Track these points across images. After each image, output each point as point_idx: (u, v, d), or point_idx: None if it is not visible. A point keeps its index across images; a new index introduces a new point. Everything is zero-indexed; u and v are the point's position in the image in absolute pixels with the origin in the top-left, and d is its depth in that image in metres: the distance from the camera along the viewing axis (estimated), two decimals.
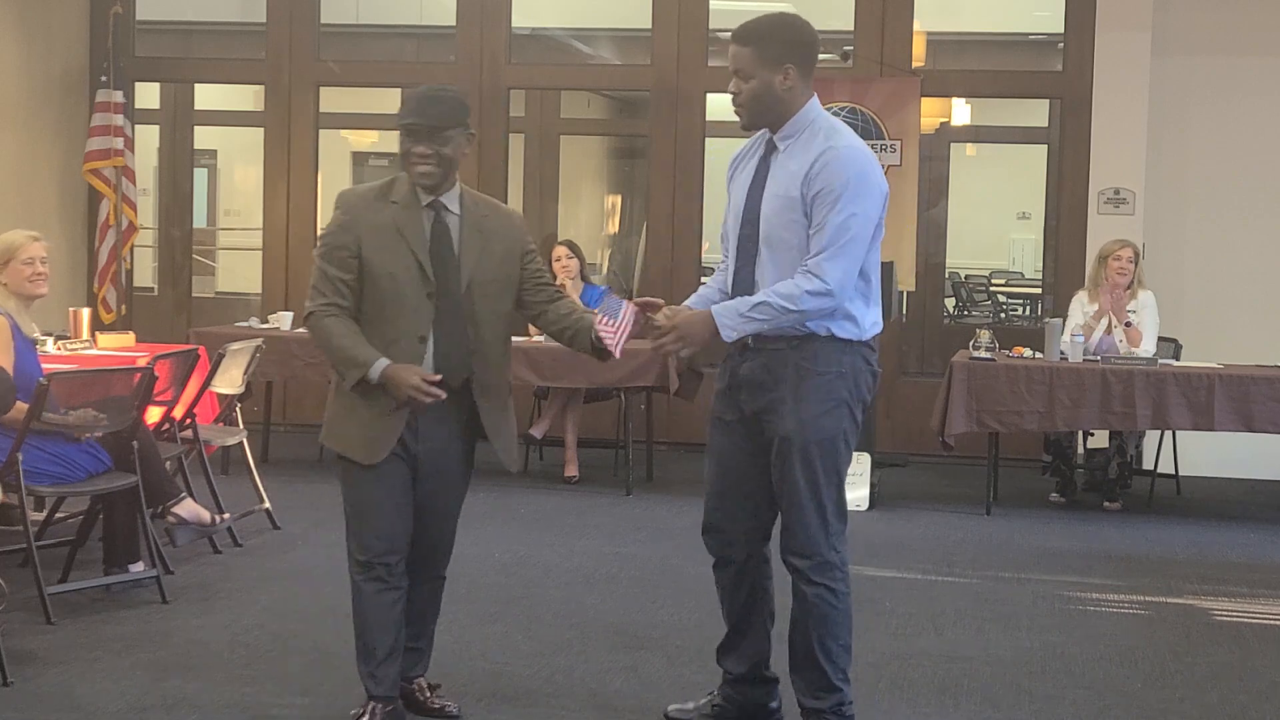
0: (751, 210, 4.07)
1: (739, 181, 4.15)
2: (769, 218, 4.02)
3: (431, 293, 4.03)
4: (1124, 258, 8.08)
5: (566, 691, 4.68)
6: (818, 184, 3.94)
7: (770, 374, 4.04)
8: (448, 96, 4.09)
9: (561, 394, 8.40)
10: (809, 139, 4.00)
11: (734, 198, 4.15)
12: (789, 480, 4.03)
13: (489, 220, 4.14)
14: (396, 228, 4.02)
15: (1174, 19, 9.20)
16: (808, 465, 4.01)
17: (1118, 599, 6.13)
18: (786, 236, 3.99)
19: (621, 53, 12.78)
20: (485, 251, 4.10)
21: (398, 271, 4.01)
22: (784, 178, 4.00)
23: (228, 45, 12.68)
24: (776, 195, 4.00)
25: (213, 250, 15.47)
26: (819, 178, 3.94)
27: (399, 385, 3.96)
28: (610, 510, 7.63)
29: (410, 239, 4.02)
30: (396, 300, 4.02)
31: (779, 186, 4.01)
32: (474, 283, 4.08)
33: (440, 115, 4.02)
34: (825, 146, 3.97)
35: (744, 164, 4.17)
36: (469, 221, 4.10)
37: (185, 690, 4.58)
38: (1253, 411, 7.52)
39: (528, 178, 13.63)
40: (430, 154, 4.00)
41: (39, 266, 5.75)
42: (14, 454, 5.15)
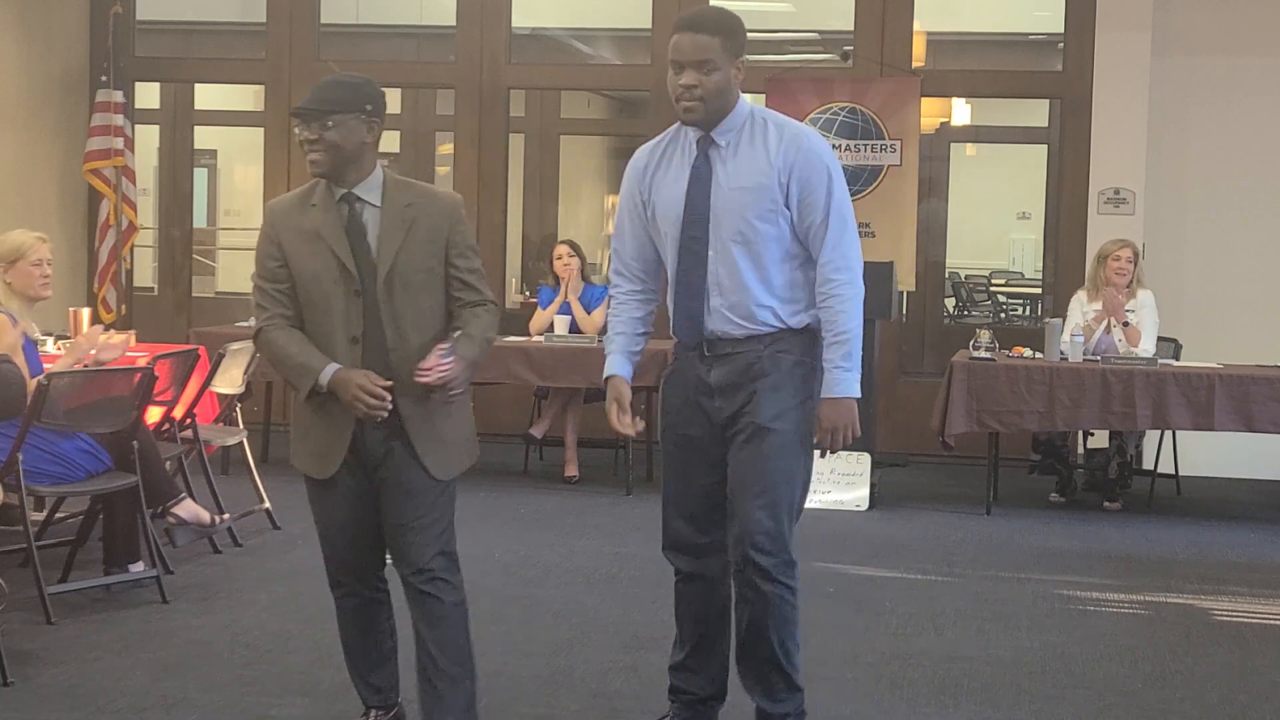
0: (697, 211, 3.88)
1: (665, 186, 3.95)
2: (734, 212, 3.85)
3: (358, 290, 3.79)
4: (1123, 258, 8.08)
5: (566, 691, 4.68)
6: (801, 171, 3.84)
7: (747, 373, 3.91)
8: (342, 82, 3.83)
9: (561, 394, 8.40)
10: (758, 130, 3.88)
11: (662, 203, 3.94)
12: (762, 471, 3.86)
13: (413, 208, 3.84)
14: (315, 229, 3.81)
15: (1174, 19, 9.20)
16: (783, 456, 3.86)
17: (1118, 599, 6.13)
18: (764, 228, 3.86)
19: (621, 53, 12.78)
20: (407, 242, 3.81)
21: (320, 272, 3.79)
22: (747, 170, 3.85)
23: (228, 45, 12.68)
24: (742, 189, 3.84)
25: (213, 250, 15.47)
26: (800, 165, 3.84)
27: (345, 389, 3.75)
28: (610, 510, 7.63)
29: (328, 237, 3.79)
30: (324, 303, 3.80)
31: (742, 179, 3.85)
32: (394, 276, 3.80)
33: (324, 99, 3.77)
34: (793, 133, 3.88)
35: (661, 168, 3.97)
36: (389, 211, 3.83)
37: (185, 690, 4.58)
38: (1253, 411, 7.52)
39: (528, 178, 13.64)
40: (315, 139, 3.76)
41: (46, 269, 5.76)
42: (14, 454, 5.15)
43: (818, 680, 4.74)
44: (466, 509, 4.42)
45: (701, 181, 3.88)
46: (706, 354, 3.94)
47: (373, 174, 3.84)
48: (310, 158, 3.79)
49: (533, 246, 13.13)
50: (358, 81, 3.84)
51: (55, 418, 5.27)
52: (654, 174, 3.98)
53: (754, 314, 3.89)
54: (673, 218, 3.92)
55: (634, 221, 4.04)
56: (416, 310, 3.83)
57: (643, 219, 4.03)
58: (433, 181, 13.64)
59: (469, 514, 7.63)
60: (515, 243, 12.32)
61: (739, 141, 3.88)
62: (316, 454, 3.89)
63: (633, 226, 4.05)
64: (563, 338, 8.29)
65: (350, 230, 3.81)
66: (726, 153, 3.88)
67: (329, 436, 3.86)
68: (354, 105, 3.78)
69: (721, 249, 3.88)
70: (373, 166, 3.85)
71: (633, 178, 4.03)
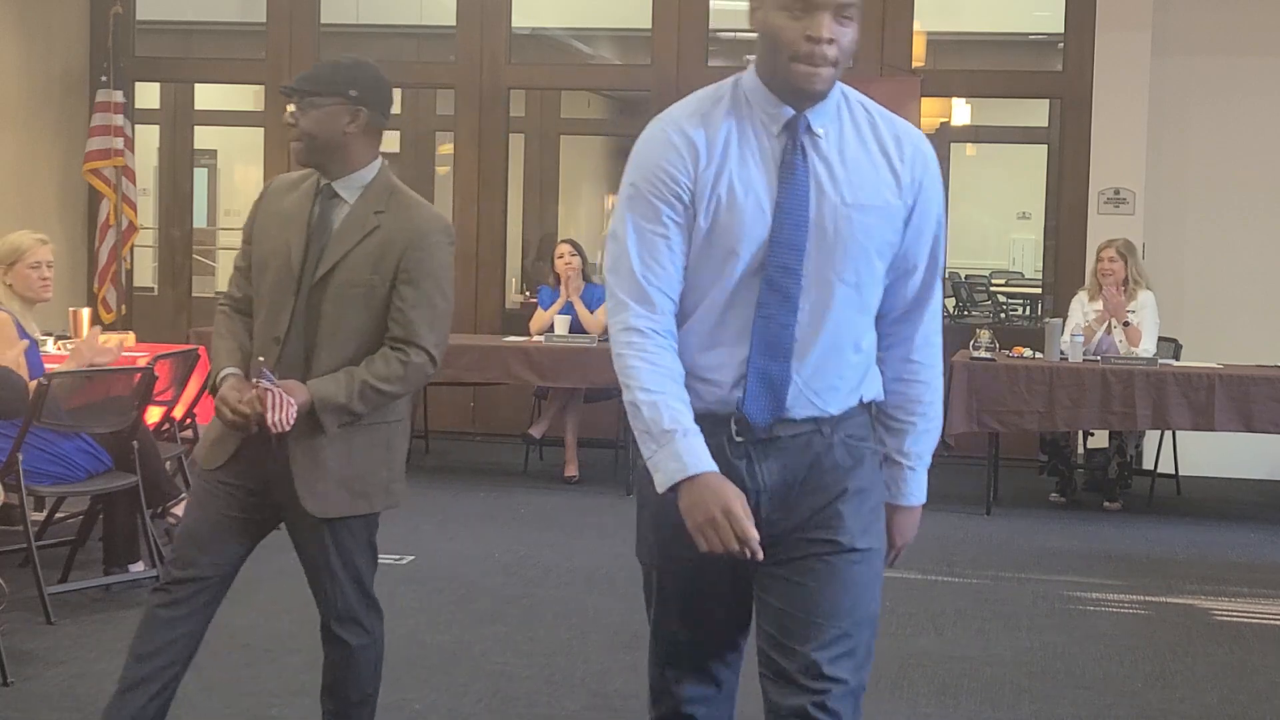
0: (794, 229, 2.57)
1: (738, 181, 2.58)
2: (851, 240, 2.59)
3: (296, 289, 3.41)
4: (1105, 257, 8.07)
5: (566, 691, 4.68)
6: (926, 195, 2.67)
7: (815, 469, 2.65)
8: (332, 62, 3.50)
9: (561, 394, 8.40)
10: (860, 120, 2.68)
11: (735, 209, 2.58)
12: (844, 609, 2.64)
13: (381, 216, 3.41)
14: (287, 214, 3.46)
15: (1174, 19, 9.20)
16: (873, 587, 2.70)
17: (1118, 599, 6.13)
18: (879, 268, 2.65)
19: (621, 53, 12.79)
20: (356, 250, 3.38)
21: (269, 260, 3.44)
22: (867, 180, 2.61)
23: (228, 45, 12.69)
24: (864, 207, 2.59)
25: (213, 250, 15.47)
26: (927, 185, 2.67)
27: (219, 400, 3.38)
28: (610, 510, 7.63)
29: (290, 226, 3.43)
30: (265, 293, 3.45)
31: (863, 192, 2.60)
32: (329, 283, 3.38)
33: (305, 78, 3.43)
34: (914, 136, 2.70)
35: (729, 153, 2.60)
36: (355, 213, 3.41)
37: (184, 690, 4.56)
38: (1253, 411, 7.52)
39: (528, 178, 13.64)
40: (293, 123, 3.42)
41: (46, 271, 5.74)
42: (14, 454, 5.15)
43: None
44: (467, 509, 4.43)
45: (798, 186, 2.58)
46: (740, 439, 2.62)
47: (361, 170, 3.45)
48: (291, 143, 3.47)
49: (532, 247, 13.13)
50: (348, 62, 3.49)
51: (55, 418, 5.27)
52: (719, 160, 2.59)
53: (834, 386, 2.65)
54: (751, 234, 2.57)
55: (675, 231, 2.60)
56: (337, 325, 3.39)
57: (686, 226, 2.60)
58: (432, 181, 13.73)
59: (469, 514, 7.66)
60: (515, 243, 12.32)
61: (841, 133, 2.63)
62: (210, 440, 3.52)
63: (672, 240, 2.60)
64: (563, 338, 8.29)
65: (312, 225, 3.42)
66: (828, 147, 2.61)
67: (224, 432, 3.46)
68: (335, 88, 3.40)
69: (820, 291, 2.59)
70: (363, 162, 3.45)
71: (674, 162, 2.59)
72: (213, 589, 3.54)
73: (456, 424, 9.73)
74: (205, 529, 3.49)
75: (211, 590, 3.53)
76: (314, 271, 3.39)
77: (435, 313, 3.41)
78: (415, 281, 3.38)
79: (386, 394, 3.39)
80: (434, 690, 4.64)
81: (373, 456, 3.49)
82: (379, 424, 3.47)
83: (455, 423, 9.72)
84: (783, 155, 2.59)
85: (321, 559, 3.52)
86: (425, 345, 3.39)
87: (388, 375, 3.37)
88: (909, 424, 2.79)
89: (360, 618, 3.57)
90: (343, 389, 3.34)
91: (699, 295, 2.62)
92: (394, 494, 3.59)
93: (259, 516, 3.53)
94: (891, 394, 2.78)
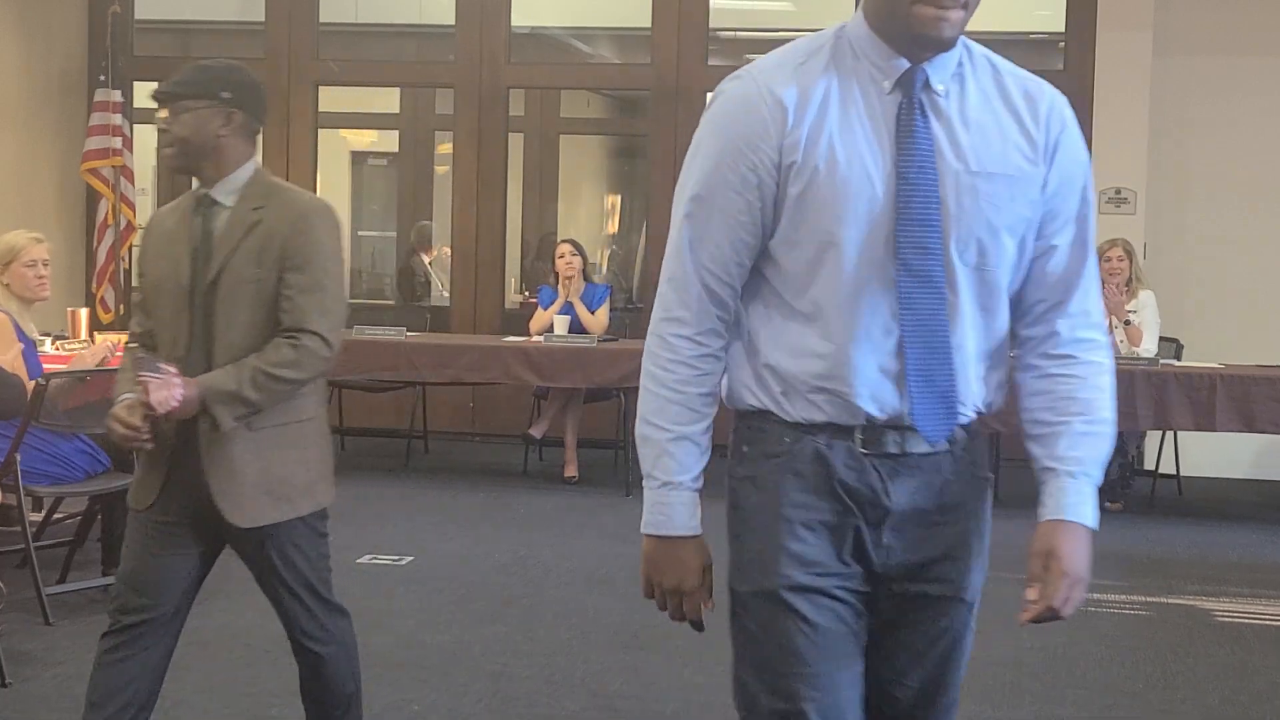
0: (925, 200, 2.16)
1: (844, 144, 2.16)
2: (975, 214, 2.19)
3: (190, 301, 3.34)
4: (1113, 257, 8.07)
5: (566, 692, 4.67)
6: (1065, 157, 2.26)
7: (941, 499, 2.29)
8: (200, 65, 3.39)
9: (561, 394, 8.39)
10: (983, 74, 2.27)
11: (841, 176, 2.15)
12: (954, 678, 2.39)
13: (260, 212, 3.33)
14: (170, 233, 3.40)
15: (1175, 19, 9.20)
16: (968, 645, 2.43)
17: (1118, 599, 6.12)
18: (1010, 247, 2.24)
19: (621, 52, 12.77)
20: (239, 249, 3.30)
21: (161, 281, 3.38)
22: (994, 142, 2.21)
23: (226, 45, 12.67)
24: (991, 175, 2.19)
25: None
26: (1065, 147, 2.27)
27: None
28: (610, 510, 7.62)
29: (175, 242, 3.37)
30: (162, 313, 3.39)
31: (989, 158, 2.20)
32: (219, 287, 3.30)
33: (175, 83, 3.34)
34: (1050, 92, 2.30)
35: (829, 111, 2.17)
36: (236, 214, 3.34)
37: (184, 691, 4.57)
38: (1254, 411, 7.51)
39: (528, 177, 13.63)
40: (165, 130, 3.35)
41: (42, 270, 5.73)
42: (12, 454, 5.14)
43: None
44: (466, 509, 4.42)
45: (922, 151, 2.17)
46: (867, 450, 2.23)
47: (235, 173, 3.37)
48: (162, 151, 3.39)
49: (532, 247, 13.12)
50: (218, 66, 3.42)
51: (54, 418, 5.26)
52: (813, 120, 2.16)
53: (966, 392, 2.26)
54: (857, 210, 2.16)
55: (746, 210, 2.19)
56: (232, 328, 3.30)
57: (765, 203, 2.19)
58: (432, 181, 13.74)
59: (469, 514, 7.66)
60: (515, 243, 12.31)
61: (963, 91, 2.23)
62: (137, 480, 3.47)
63: (739, 221, 2.20)
64: (563, 338, 8.28)
65: (195, 236, 3.35)
66: (949, 107, 2.21)
67: (147, 465, 3.44)
68: (207, 91, 3.33)
69: (949, 277, 2.21)
70: (236, 164, 3.37)
71: (756, 126, 2.17)
72: (164, 624, 3.46)
73: (456, 424, 9.73)
74: (145, 571, 3.43)
75: (163, 626, 3.46)
76: (203, 280, 3.31)
77: (325, 296, 3.32)
78: (300, 267, 3.29)
79: (281, 380, 3.28)
80: (434, 690, 4.63)
81: (288, 458, 3.40)
82: (288, 424, 3.38)
83: (455, 423, 9.71)
84: (898, 115, 2.18)
85: (266, 572, 3.45)
86: (317, 330, 3.30)
87: (279, 360, 3.27)
88: (1061, 424, 2.29)
89: (319, 626, 3.50)
90: (231, 377, 3.25)
91: (794, 287, 2.20)
92: (318, 495, 3.49)
93: (201, 547, 3.46)
94: (1037, 396, 2.31)
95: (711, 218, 2.21)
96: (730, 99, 2.22)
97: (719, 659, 5.00)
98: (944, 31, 2.15)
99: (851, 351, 2.18)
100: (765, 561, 2.23)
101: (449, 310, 10.11)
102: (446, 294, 10.72)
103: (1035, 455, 2.30)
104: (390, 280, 13.78)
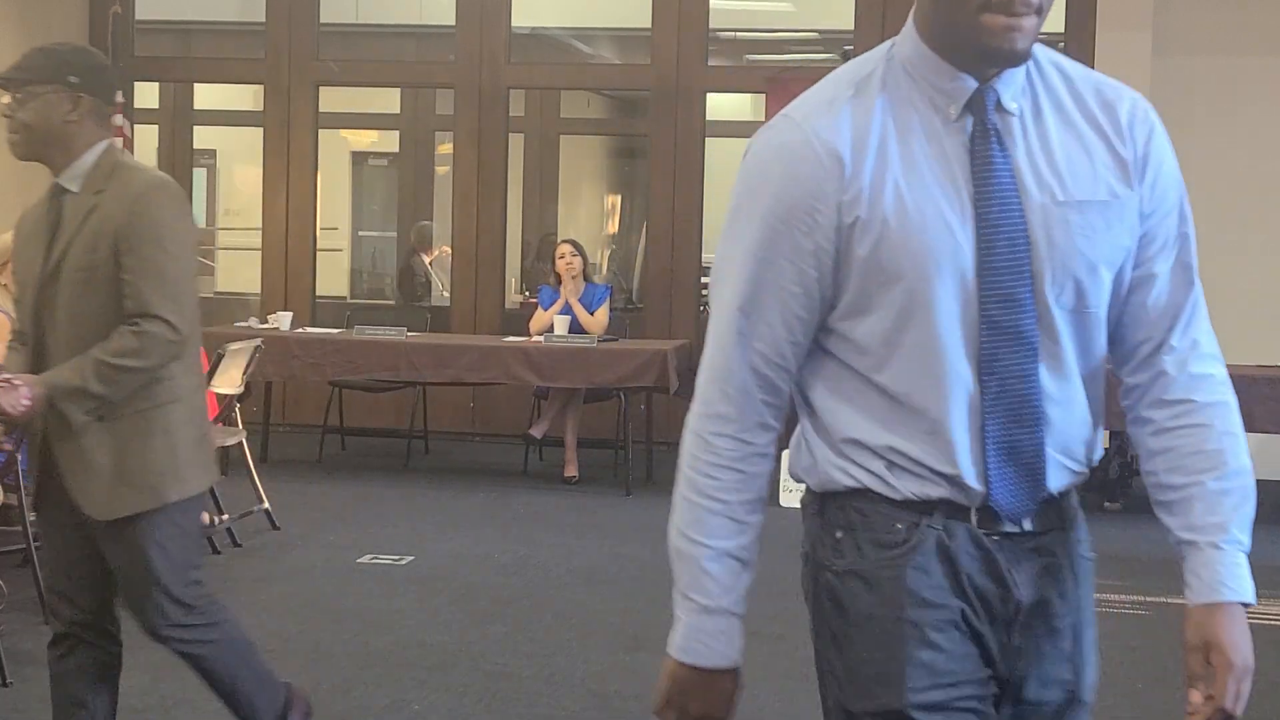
0: (1010, 242, 1.86)
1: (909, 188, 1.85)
2: (1065, 250, 1.88)
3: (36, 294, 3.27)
4: None
5: (566, 692, 4.67)
6: (1157, 167, 2.00)
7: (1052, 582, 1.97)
8: (44, 49, 3.29)
9: (561, 394, 8.40)
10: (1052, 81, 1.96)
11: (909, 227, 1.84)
12: None
13: (100, 196, 3.22)
14: (31, 231, 3.32)
15: (1174, 19, 9.20)
16: None
17: (1118, 599, 6.12)
18: (1103, 281, 1.93)
19: (621, 52, 12.78)
20: (78, 236, 3.20)
21: (26, 279, 3.31)
22: (1079, 164, 1.91)
23: (227, 45, 12.68)
24: (1082, 204, 1.90)
25: (212, 250, 15.46)
26: (1155, 154, 2.00)
27: None
28: (610, 510, 7.62)
29: (35, 238, 3.29)
30: (21, 307, 3.35)
31: (1078, 184, 1.90)
32: (60, 275, 3.21)
33: (18, 67, 3.24)
34: (1130, 96, 1.99)
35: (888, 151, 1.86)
36: (80, 200, 3.24)
37: (184, 690, 4.57)
38: (1253, 411, 7.52)
39: (528, 177, 13.65)
40: (9, 116, 3.24)
41: None
42: (13, 454, 5.14)
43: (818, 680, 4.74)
44: (466, 509, 4.42)
45: (1002, 186, 1.87)
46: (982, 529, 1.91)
47: (83, 157, 3.25)
48: (8, 138, 3.25)
49: (532, 247, 13.13)
50: (65, 49, 3.31)
51: None
52: (874, 164, 1.86)
53: (1070, 457, 1.97)
54: (936, 261, 1.84)
55: (799, 282, 1.88)
56: (74, 317, 3.21)
57: (824, 273, 1.87)
58: (432, 181, 13.75)
59: (469, 514, 7.66)
60: (515, 243, 12.32)
61: (1037, 108, 1.93)
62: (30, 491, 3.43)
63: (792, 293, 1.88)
64: (563, 338, 8.28)
65: (50, 224, 3.26)
66: (1024, 129, 1.91)
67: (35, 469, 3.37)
68: (53, 75, 3.21)
69: (1046, 324, 1.90)
70: (85, 148, 3.25)
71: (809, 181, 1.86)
72: (96, 628, 3.39)
73: (456, 424, 9.73)
74: (59, 577, 3.38)
75: (95, 630, 3.39)
76: (44, 271, 3.22)
77: (164, 278, 3.19)
78: (135, 249, 3.17)
79: (127, 369, 3.16)
80: (434, 690, 4.63)
81: (148, 445, 3.25)
82: (146, 410, 3.24)
83: (455, 423, 9.72)
84: (971, 145, 1.87)
85: (120, 564, 3.30)
86: (160, 313, 3.17)
87: (122, 349, 3.15)
88: (1192, 486, 1.95)
89: (170, 625, 3.32)
90: (76, 372, 3.14)
91: (870, 361, 1.89)
92: (186, 481, 3.30)
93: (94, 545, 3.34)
94: (1158, 457, 1.98)
95: (761, 298, 1.88)
96: (771, 153, 1.90)
97: None
98: (1017, 43, 1.84)
99: (951, 424, 1.87)
100: (890, 676, 1.89)
101: (449, 310, 10.12)
102: (446, 294, 10.72)
103: (1169, 526, 1.98)
104: (390, 280, 13.80)
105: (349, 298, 13.74)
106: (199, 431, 3.37)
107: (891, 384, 1.88)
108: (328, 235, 12.05)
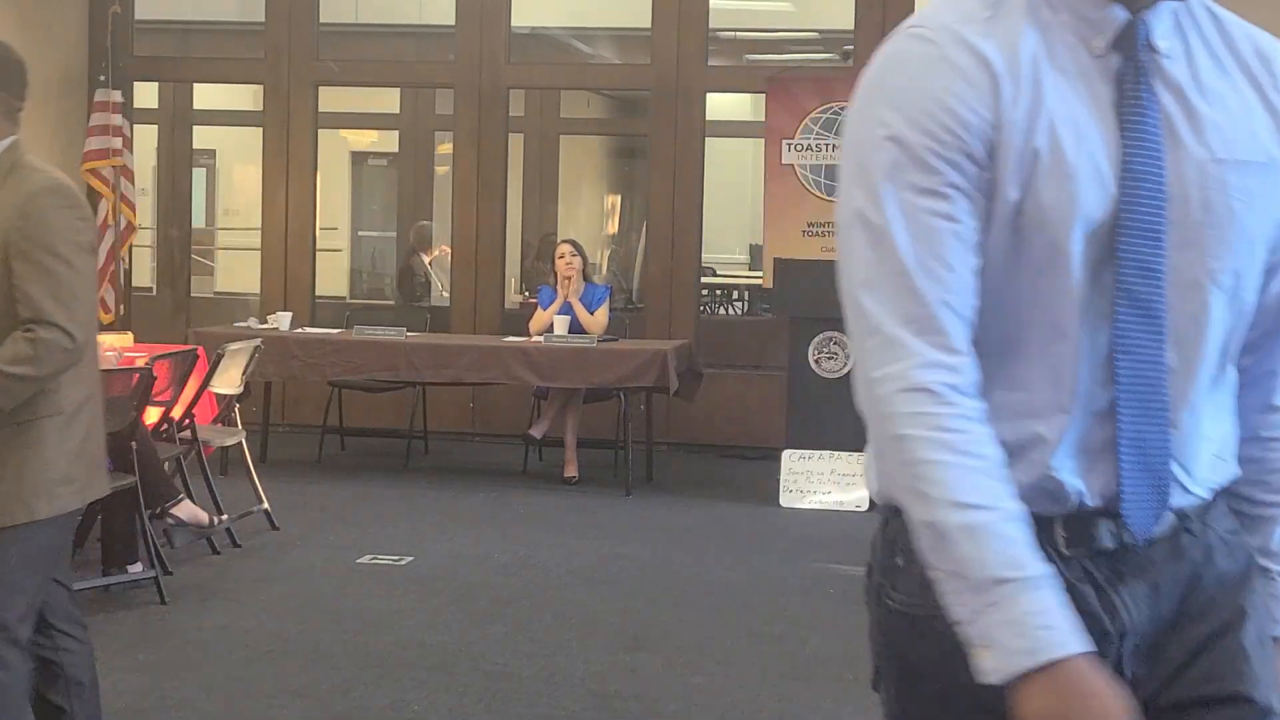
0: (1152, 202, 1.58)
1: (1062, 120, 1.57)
2: (1222, 215, 1.61)
3: None
4: None
5: (566, 692, 4.67)
6: None
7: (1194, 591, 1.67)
8: None
9: (561, 394, 8.39)
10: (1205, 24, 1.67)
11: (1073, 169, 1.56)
12: None
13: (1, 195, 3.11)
14: None
15: None
16: None
17: None
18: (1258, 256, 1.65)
19: (621, 52, 12.79)
20: None
21: None
22: (1230, 117, 1.63)
23: (226, 45, 12.69)
24: (1237, 160, 1.62)
25: (211, 250, 15.48)
26: None
27: None
28: (610, 510, 7.62)
29: None
30: None
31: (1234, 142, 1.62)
32: None
33: None
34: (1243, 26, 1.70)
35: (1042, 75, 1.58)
36: None
37: (184, 691, 4.57)
38: None
39: (527, 177, 13.65)
40: None
41: None
42: None
43: (818, 680, 4.74)
44: (466, 509, 4.41)
45: (1151, 135, 1.60)
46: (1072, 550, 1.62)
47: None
48: None
49: (532, 247, 13.13)
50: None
51: None
52: (1031, 90, 1.58)
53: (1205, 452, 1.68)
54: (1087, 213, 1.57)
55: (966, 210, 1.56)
56: None
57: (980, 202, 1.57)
58: (431, 181, 13.75)
59: (469, 514, 7.65)
60: (515, 243, 12.32)
61: (1189, 49, 1.65)
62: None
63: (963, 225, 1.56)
64: (563, 338, 8.28)
65: None
66: (1178, 71, 1.64)
67: None
68: None
69: (1185, 301, 1.62)
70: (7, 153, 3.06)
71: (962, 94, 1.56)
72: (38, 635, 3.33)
73: (456, 424, 9.72)
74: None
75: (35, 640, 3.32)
76: None
77: (58, 283, 3.03)
78: (25, 254, 3.01)
79: (19, 378, 2.99)
80: (434, 690, 4.63)
81: (24, 457, 3.06)
82: (26, 421, 3.06)
83: (455, 423, 9.71)
84: (1119, 83, 1.59)
85: None
86: (54, 320, 3.01)
87: (14, 357, 2.99)
88: (1275, 507, 1.73)
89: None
90: None
91: (998, 318, 1.59)
92: (58, 498, 3.11)
93: None
94: (1245, 465, 1.72)
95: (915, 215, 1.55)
96: (906, 58, 1.59)
97: (719, 659, 5.02)
98: None
99: (1056, 406, 1.58)
100: None
101: (449, 310, 10.11)
102: (446, 294, 10.72)
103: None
104: (390, 280, 13.80)
105: (348, 298, 13.76)
106: (79, 445, 3.18)
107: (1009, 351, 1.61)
108: (327, 235, 12.06)
